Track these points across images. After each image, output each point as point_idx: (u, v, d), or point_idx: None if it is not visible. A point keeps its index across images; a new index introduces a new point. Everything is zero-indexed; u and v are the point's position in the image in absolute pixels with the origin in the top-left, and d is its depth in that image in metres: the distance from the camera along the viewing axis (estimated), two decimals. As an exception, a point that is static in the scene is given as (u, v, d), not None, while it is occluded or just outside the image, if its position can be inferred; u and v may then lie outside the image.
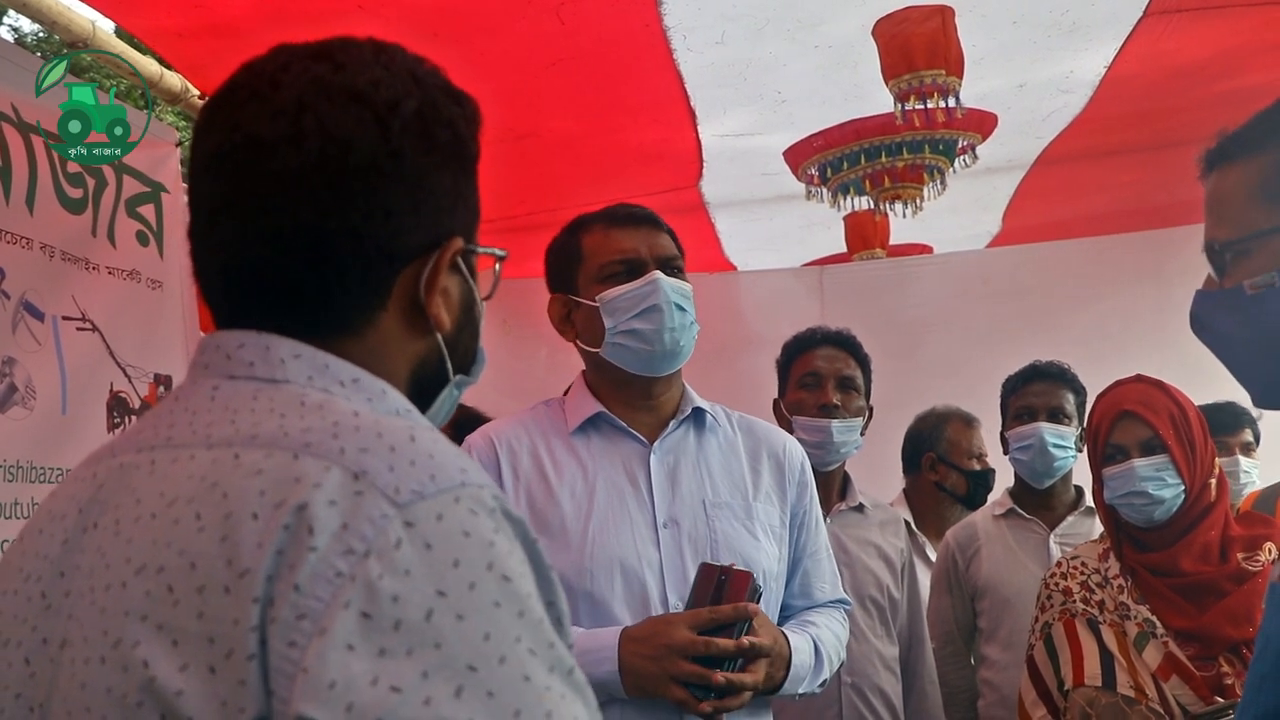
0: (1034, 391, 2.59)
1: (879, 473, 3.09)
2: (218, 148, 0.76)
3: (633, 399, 1.70)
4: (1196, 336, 1.13)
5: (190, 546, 0.66)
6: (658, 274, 1.65)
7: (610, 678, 1.49)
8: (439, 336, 0.81)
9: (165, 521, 0.68)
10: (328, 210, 0.74)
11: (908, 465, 3.25)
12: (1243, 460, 3.05)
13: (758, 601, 1.54)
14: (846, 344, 2.44)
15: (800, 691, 1.66)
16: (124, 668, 0.65)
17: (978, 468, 3.13)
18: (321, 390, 0.74)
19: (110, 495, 0.74)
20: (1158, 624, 1.77)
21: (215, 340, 0.78)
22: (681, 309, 1.65)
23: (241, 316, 0.77)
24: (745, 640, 1.50)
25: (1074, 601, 1.85)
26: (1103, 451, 1.90)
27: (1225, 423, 3.03)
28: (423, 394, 0.83)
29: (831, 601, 1.81)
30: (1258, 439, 3.08)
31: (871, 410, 2.46)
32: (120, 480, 0.74)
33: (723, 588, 1.53)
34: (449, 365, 0.84)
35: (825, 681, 1.73)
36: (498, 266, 0.91)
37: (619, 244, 1.67)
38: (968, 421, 3.19)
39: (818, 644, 1.69)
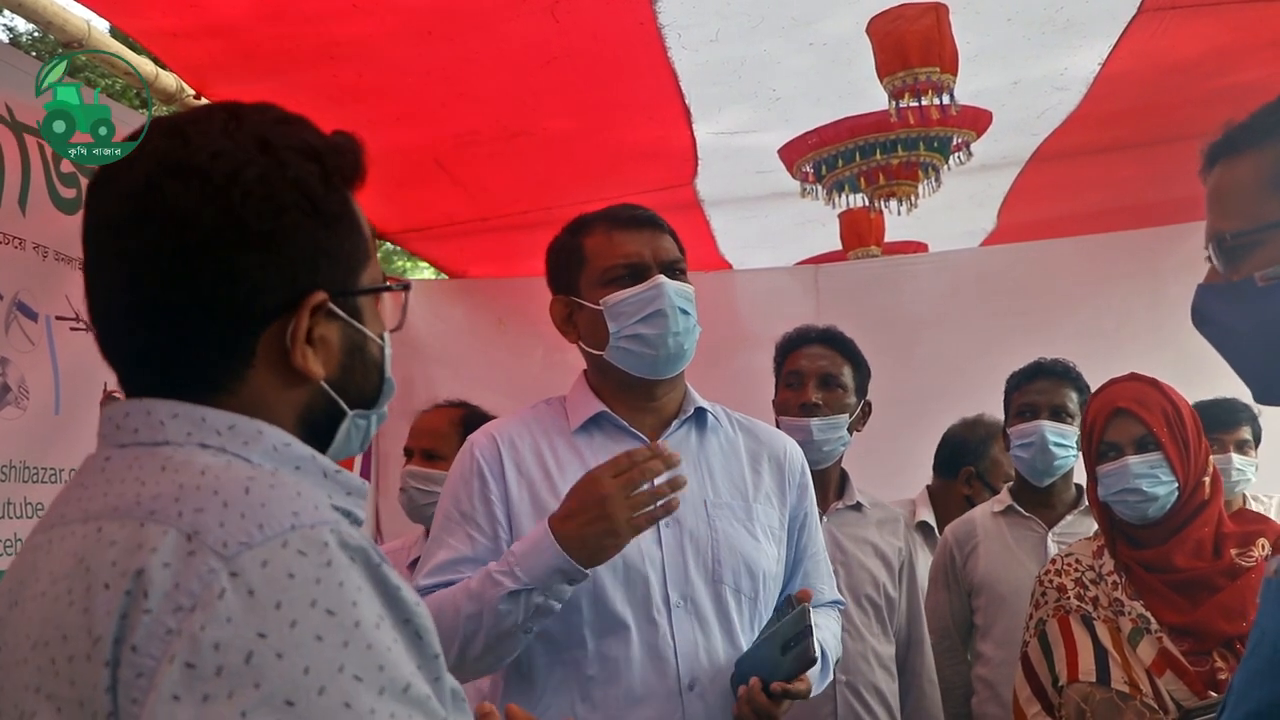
0: (1037, 389, 2.59)
1: (877, 469, 3.08)
2: (85, 225, 0.82)
3: (635, 400, 1.70)
4: (1198, 330, 1.12)
5: (64, 620, 0.72)
6: (662, 278, 1.65)
7: (562, 563, 1.46)
8: (321, 383, 0.85)
9: (50, 599, 0.74)
10: (174, 284, 0.78)
11: (943, 468, 3.24)
12: (1236, 458, 3.03)
13: (810, 625, 1.52)
14: (833, 341, 2.43)
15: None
16: None
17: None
18: (197, 444, 0.79)
19: (26, 574, 0.79)
20: (1152, 620, 1.78)
21: (108, 411, 0.83)
22: (685, 312, 1.66)
23: (130, 381, 0.83)
24: None
25: (1068, 598, 1.86)
26: (1097, 449, 1.91)
27: (1221, 419, 3.02)
28: (319, 433, 0.87)
29: (829, 602, 1.82)
30: (1258, 438, 3.05)
31: (868, 406, 2.45)
32: (29, 560, 0.80)
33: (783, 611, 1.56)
34: (341, 404, 0.87)
35: (827, 682, 1.75)
36: (405, 298, 0.99)
37: (622, 247, 1.67)
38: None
39: (823, 647, 1.70)
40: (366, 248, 0.89)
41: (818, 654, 1.48)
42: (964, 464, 3.16)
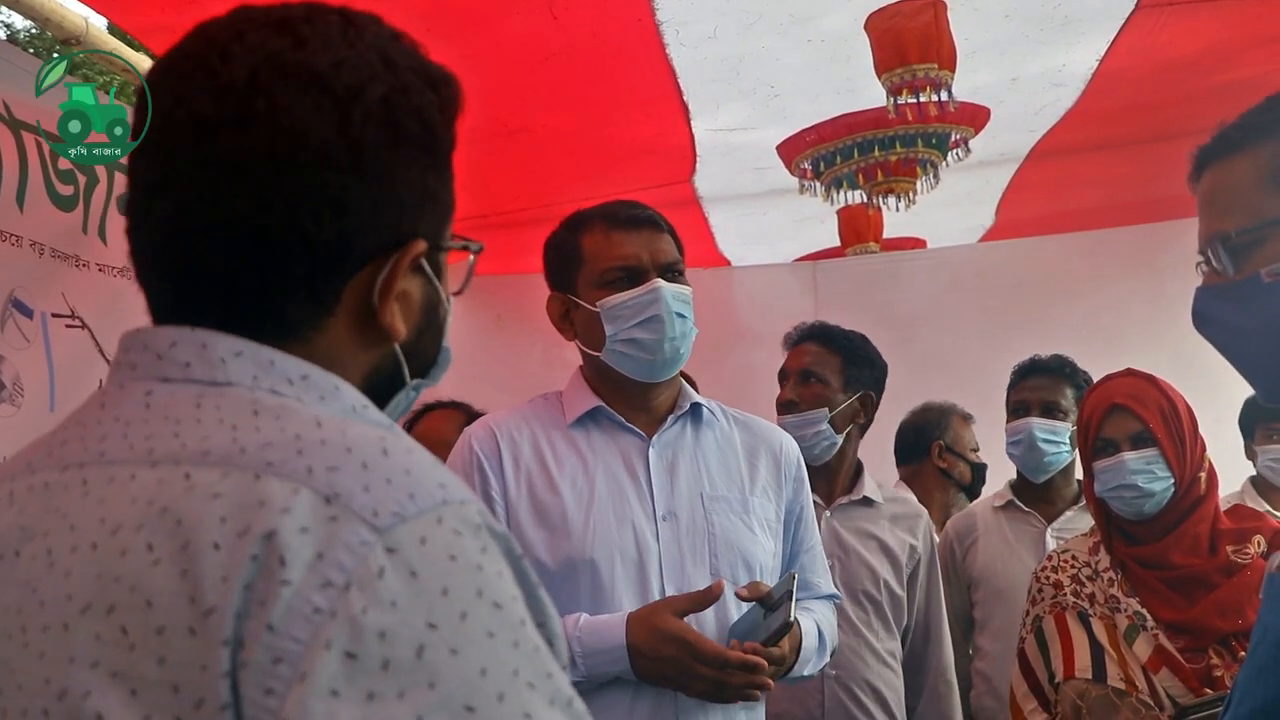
0: (1029, 386, 2.59)
1: (875, 463, 3.08)
2: (159, 122, 0.69)
3: (631, 398, 1.71)
4: (1200, 332, 1.11)
5: (143, 581, 0.58)
6: (659, 282, 1.64)
7: (623, 672, 1.51)
8: (396, 346, 0.75)
9: (110, 553, 0.60)
10: (272, 204, 0.66)
11: (909, 455, 3.27)
12: None
13: (792, 590, 1.54)
14: (822, 337, 2.42)
15: (805, 673, 1.68)
16: None
17: (978, 460, 3.20)
18: (269, 391, 0.67)
19: (35, 520, 0.64)
20: (1148, 616, 1.78)
21: (142, 338, 0.69)
22: (682, 316, 1.65)
23: (175, 309, 0.70)
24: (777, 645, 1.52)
25: (1064, 595, 1.86)
26: (1093, 445, 1.90)
27: (1269, 411, 3.02)
28: (374, 398, 0.75)
29: (824, 596, 1.83)
30: None
31: (869, 399, 2.42)
32: (44, 503, 0.65)
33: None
34: (405, 371, 0.77)
35: (824, 666, 1.77)
36: (472, 258, 0.85)
37: (620, 249, 1.66)
38: (966, 417, 3.25)
39: (820, 628, 1.72)
40: (455, 199, 0.79)
41: (793, 618, 1.49)
42: (931, 440, 3.20)
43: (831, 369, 2.38)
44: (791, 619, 1.49)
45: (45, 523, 0.64)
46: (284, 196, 0.67)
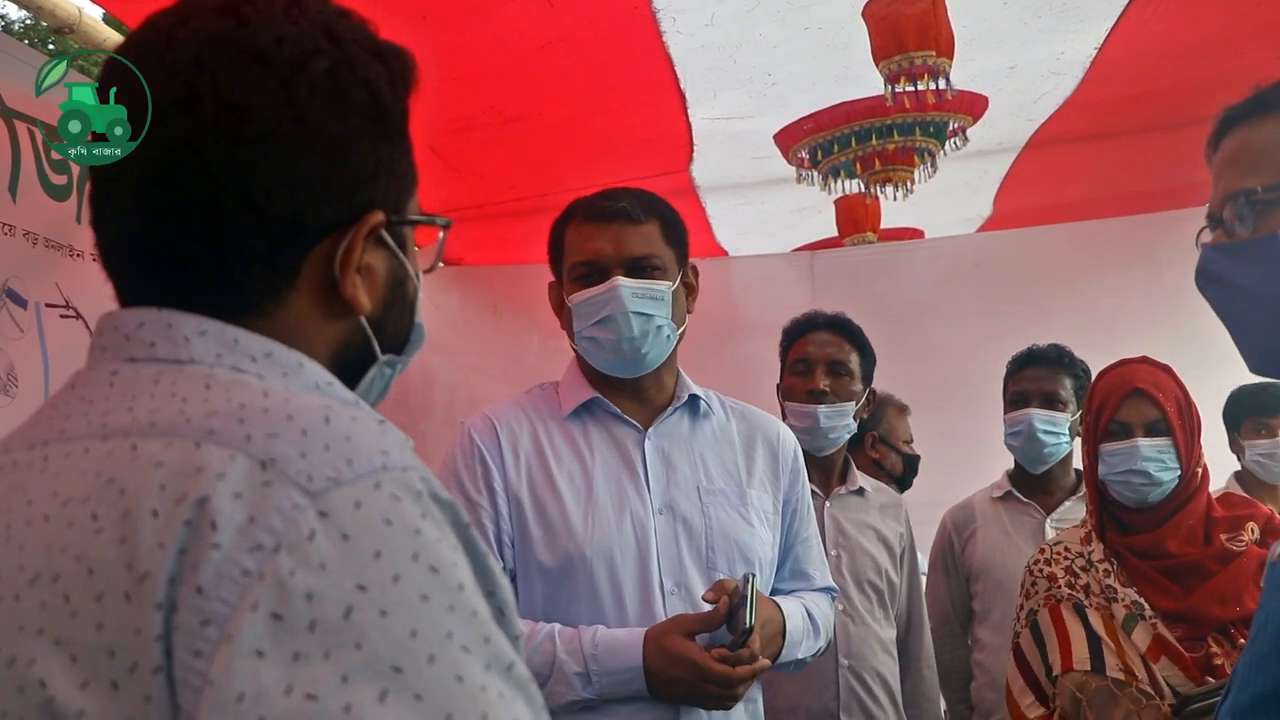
0: (1028, 376, 2.58)
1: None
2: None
3: (623, 390, 1.70)
4: (1202, 293, 1.09)
5: (87, 550, 0.59)
6: (617, 281, 1.62)
7: (638, 691, 1.52)
8: (361, 318, 0.75)
9: (59, 524, 0.61)
10: (223, 182, 0.68)
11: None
12: None
13: (750, 584, 1.54)
14: (842, 328, 2.43)
15: (798, 657, 1.68)
16: (20, 689, 0.58)
17: (910, 452, 3.16)
18: (230, 368, 0.68)
19: (1, 498, 0.66)
20: (1145, 606, 1.78)
21: (113, 320, 0.71)
22: (646, 315, 1.62)
23: (141, 292, 0.71)
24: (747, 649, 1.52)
25: (1059, 587, 1.85)
26: (1105, 427, 1.89)
27: (1267, 404, 3.02)
28: (346, 374, 0.76)
29: (820, 589, 1.82)
30: None
31: (873, 394, 2.45)
32: (10, 480, 0.67)
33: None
34: (375, 346, 0.78)
35: (820, 651, 1.76)
36: (441, 235, 0.86)
37: (587, 244, 1.65)
38: (901, 408, 3.23)
39: (809, 611, 1.72)
40: (415, 171, 0.79)
41: (750, 624, 1.50)
42: (866, 430, 3.20)
43: (854, 362, 2.40)
44: (749, 625, 1.50)
45: (8, 499, 0.66)
46: (235, 173, 0.68)
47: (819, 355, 2.38)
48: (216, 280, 0.69)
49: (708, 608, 1.54)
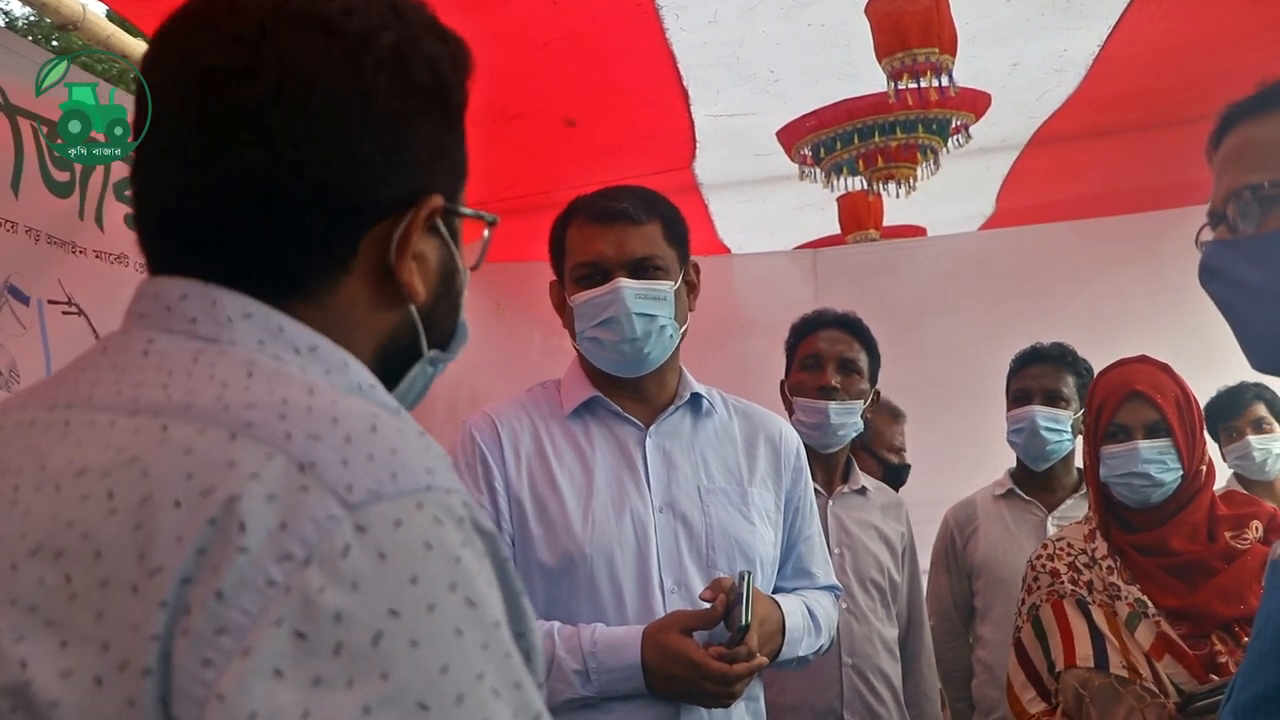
0: (1031, 374, 2.58)
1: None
2: (164, 81, 0.67)
3: (625, 388, 1.70)
4: (1205, 289, 1.09)
5: (98, 530, 0.55)
6: (620, 283, 1.62)
7: (636, 689, 1.52)
8: (412, 308, 0.72)
9: (71, 496, 0.57)
10: (283, 154, 0.64)
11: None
12: (1254, 440, 3.02)
13: (747, 582, 1.54)
14: (851, 327, 2.43)
15: (799, 654, 1.67)
16: None
17: (895, 461, 3.13)
18: (273, 357, 0.64)
19: (10, 455, 0.62)
20: (1149, 603, 1.77)
21: (154, 288, 0.67)
22: (647, 315, 1.62)
23: (180, 260, 0.67)
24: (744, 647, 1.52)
25: (1062, 583, 1.85)
26: (1105, 429, 1.88)
27: (1230, 407, 3.01)
28: (390, 371, 0.73)
29: (824, 587, 1.82)
30: (1278, 415, 3.02)
31: (878, 394, 2.46)
32: (24, 439, 0.62)
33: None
34: (423, 340, 0.74)
35: (822, 649, 1.75)
36: (487, 233, 0.81)
37: (589, 245, 1.65)
38: (894, 415, 3.19)
39: (810, 608, 1.72)
40: (467, 164, 0.76)
41: (746, 621, 1.50)
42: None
43: (863, 361, 2.40)
44: (745, 622, 1.49)
45: (20, 459, 0.61)
46: (295, 146, 0.65)
47: (830, 352, 2.38)
48: (268, 258, 0.66)
49: (707, 606, 1.54)
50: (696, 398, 1.73)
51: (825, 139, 3.41)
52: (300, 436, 0.57)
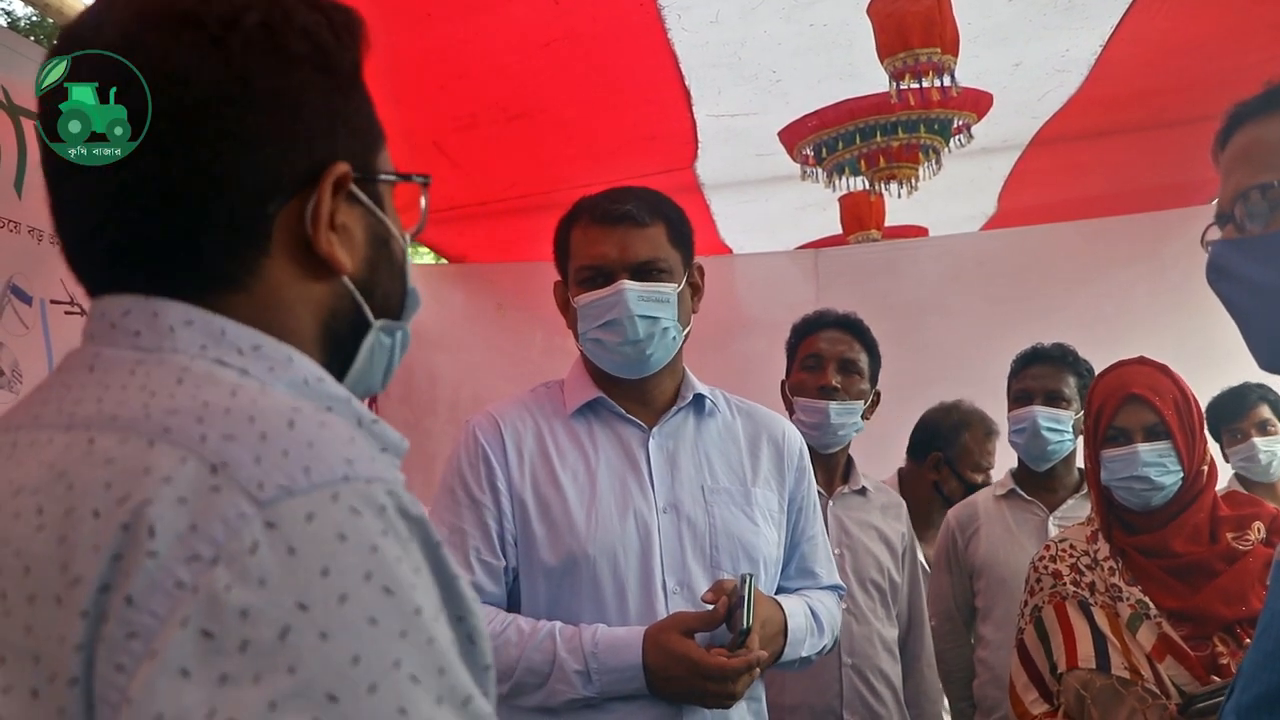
0: (1032, 374, 2.58)
1: (874, 454, 3.09)
2: (45, 106, 0.69)
3: (628, 389, 1.70)
4: (1215, 288, 1.08)
5: (27, 546, 0.56)
6: (624, 285, 1.62)
7: (637, 690, 1.52)
8: (346, 280, 0.72)
9: (6, 515, 0.59)
10: (173, 154, 0.65)
11: (914, 451, 3.23)
12: (1259, 441, 3.02)
13: (749, 585, 1.54)
14: (852, 327, 2.43)
15: (802, 655, 1.67)
16: None
17: (980, 481, 3.05)
18: (214, 361, 0.65)
19: None
20: (1150, 605, 1.77)
21: (100, 307, 0.68)
22: (650, 318, 1.63)
23: (109, 277, 0.68)
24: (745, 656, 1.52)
25: (1064, 584, 1.85)
26: (1104, 433, 1.88)
27: (1233, 409, 3.01)
28: (342, 348, 0.73)
29: (828, 587, 1.82)
30: None
31: (878, 395, 2.46)
32: None
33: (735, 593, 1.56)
34: (366, 310, 0.74)
35: (825, 649, 1.75)
36: (424, 197, 0.81)
37: (593, 247, 1.65)
38: (988, 431, 3.13)
39: (813, 608, 1.72)
40: (380, 127, 0.76)
41: (747, 625, 1.50)
42: (933, 449, 3.14)
43: (864, 361, 2.41)
44: (746, 626, 1.49)
45: None
46: (182, 143, 0.65)
47: (831, 352, 2.39)
48: (187, 257, 0.67)
49: (709, 608, 1.55)
50: (699, 398, 1.73)
51: (827, 139, 3.41)
52: (214, 438, 0.58)
